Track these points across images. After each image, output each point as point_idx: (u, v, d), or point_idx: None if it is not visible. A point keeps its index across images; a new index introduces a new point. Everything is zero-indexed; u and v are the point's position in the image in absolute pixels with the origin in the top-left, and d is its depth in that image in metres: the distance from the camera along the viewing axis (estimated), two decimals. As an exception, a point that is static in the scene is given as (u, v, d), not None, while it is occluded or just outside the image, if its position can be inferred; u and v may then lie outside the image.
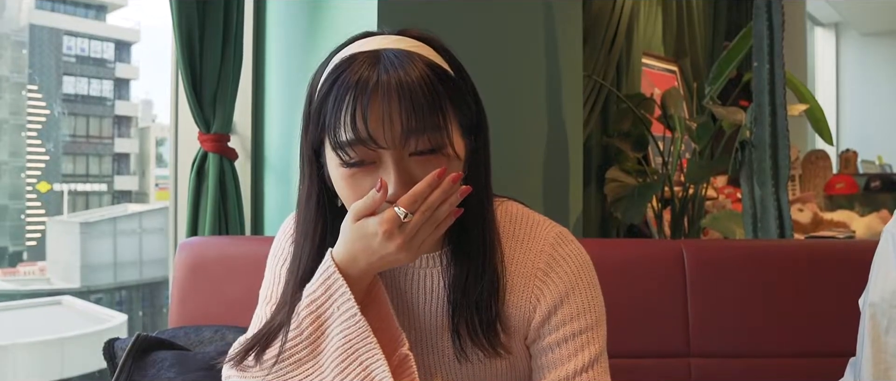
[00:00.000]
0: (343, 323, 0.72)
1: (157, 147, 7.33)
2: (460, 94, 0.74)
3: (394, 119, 0.68)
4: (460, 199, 0.71)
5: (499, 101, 1.80)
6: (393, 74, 0.68)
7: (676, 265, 1.31)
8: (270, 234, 1.75)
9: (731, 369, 1.28)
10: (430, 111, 0.69)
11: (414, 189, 0.69)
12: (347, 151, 0.69)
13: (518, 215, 0.84)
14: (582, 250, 0.84)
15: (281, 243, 0.88)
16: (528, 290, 0.80)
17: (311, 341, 0.73)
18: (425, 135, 0.69)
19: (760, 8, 2.03)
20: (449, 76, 0.73)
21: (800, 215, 3.04)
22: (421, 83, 0.69)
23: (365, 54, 0.71)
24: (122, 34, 7.63)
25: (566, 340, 0.78)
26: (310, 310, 0.73)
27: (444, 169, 0.69)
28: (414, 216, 0.69)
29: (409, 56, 0.70)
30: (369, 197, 0.70)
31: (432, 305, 0.81)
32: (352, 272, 0.73)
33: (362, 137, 0.68)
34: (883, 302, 0.90)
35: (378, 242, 0.70)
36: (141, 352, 1.05)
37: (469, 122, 0.76)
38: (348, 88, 0.68)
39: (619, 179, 2.63)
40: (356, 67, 0.69)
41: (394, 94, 0.68)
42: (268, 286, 0.86)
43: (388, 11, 1.49)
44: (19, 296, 5.62)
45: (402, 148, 0.70)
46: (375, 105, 0.68)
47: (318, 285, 0.74)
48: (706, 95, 2.50)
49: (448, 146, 0.71)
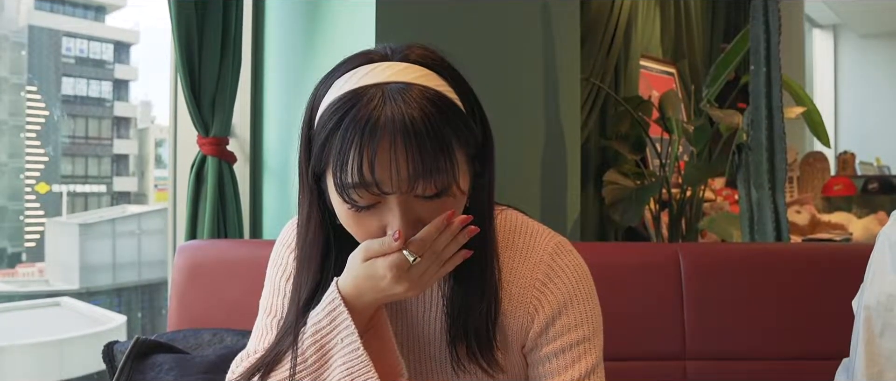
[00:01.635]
0: (346, 355, 0.73)
1: (156, 148, 7.32)
2: (466, 124, 0.73)
3: (400, 165, 0.67)
4: (467, 238, 0.72)
5: (497, 104, 1.81)
6: (398, 117, 0.67)
7: (672, 269, 1.32)
8: (269, 237, 1.75)
9: (726, 371, 1.28)
10: (436, 155, 0.68)
11: (423, 234, 0.70)
12: (352, 193, 0.69)
13: (517, 224, 0.85)
14: (580, 260, 0.84)
15: (280, 252, 0.88)
16: (527, 300, 0.80)
17: (314, 370, 0.74)
18: (431, 179, 0.69)
19: (757, 11, 2.04)
20: (454, 108, 0.71)
21: (797, 216, 3.05)
22: (426, 125, 0.67)
23: (371, 92, 0.69)
24: (122, 35, 7.62)
25: (564, 350, 0.79)
26: (314, 340, 0.75)
27: (453, 212, 0.70)
28: (422, 261, 0.70)
29: (413, 93, 0.69)
30: (385, 244, 0.71)
31: (430, 315, 0.81)
32: (357, 305, 0.74)
33: (368, 182, 0.68)
34: (878, 305, 0.90)
35: (386, 283, 0.72)
36: (140, 355, 1.05)
37: (475, 150, 0.75)
38: (354, 131, 0.67)
39: (617, 182, 2.63)
40: (361, 108, 0.68)
41: (399, 138, 0.67)
42: (268, 297, 0.86)
43: (385, 16, 1.49)
44: (18, 297, 5.61)
45: (408, 193, 0.70)
46: (382, 152, 0.67)
47: (323, 316, 0.75)
48: (704, 97, 2.51)
49: (454, 187, 0.71)
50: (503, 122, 1.85)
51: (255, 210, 1.77)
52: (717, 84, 2.48)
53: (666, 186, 2.61)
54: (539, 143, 2.06)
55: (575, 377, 0.78)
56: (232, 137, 1.70)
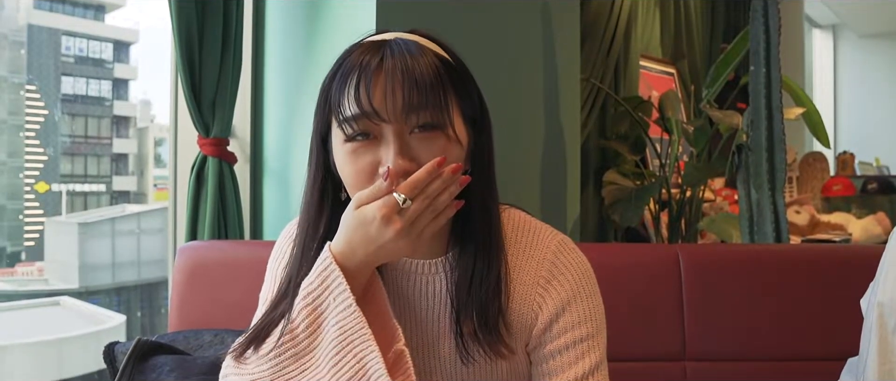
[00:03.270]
0: (339, 315, 0.71)
1: (155, 147, 7.32)
2: (464, 84, 0.77)
3: (396, 94, 0.71)
4: (460, 189, 0.72)
5: (496, 103, 1.80)
6: (398, 56, 0.72)
7: (672, 269, 1.32)
8: (269, 238, 1.75)
9: (726, 372, 1.29)
10: (433, 89, 0.71)
11: (414, 176, 0.70)
12: (351, 124, 0.72)
13: (520, 222, 0.85)
14: (584, 258, 0.85)
15: (281, 246, 0.88)
16: (531, 298, 0.81)
17: (308, 333, 0.73)
18: (427, 110, 0.71)
19: (757, 11, 2.04)
20: (453, 67, 0.76)
21: (797, 216, 3.05)
22: (425, 64, 0.72)
23: (372, 41, 0.75)
24: (121, 34, 7.62)
25: (567, 348, 0.79)
26: (306, 302, 0.73)
27: (445, 158, 0.70)
28: (413, 203, 0.69)
29: (416, 44, 0.74)
30: (375, 186, 0.71)
31: (435, 310, 0.81)
32: (349, 265, 0.73)
33: (366, 110, 0.71)
34: (892, 302, 0.90)
35: (376, 227, 0.70)
36: (141, 356, 1.05)
37: (472, 112, 0.78)
38: (353, 67, 0.72)
39: (617, 182, 2.63)
40: (362, 50, 0.73)
41: (398, 72, 0.71)
42: (267, 289, 0.86)
43: (386, 14, 1.49)
44: (17, 296, 5.61)
45: (403, 122, 0.72)
46: (379, 81, 0.71)
47: (314, 277, 0.74)
48: (703, 98, 2.51)
49: (449, 127, 0.73)
50: (503, 122, 1.85)
51: (256, 210, 1.77)
52: (717, 84, 2.48)
53: (665, 186, 2.61)
54: (538, 143, 2.06)
55: (578, 374, 0.78)
56: (232, 138, 1.70)
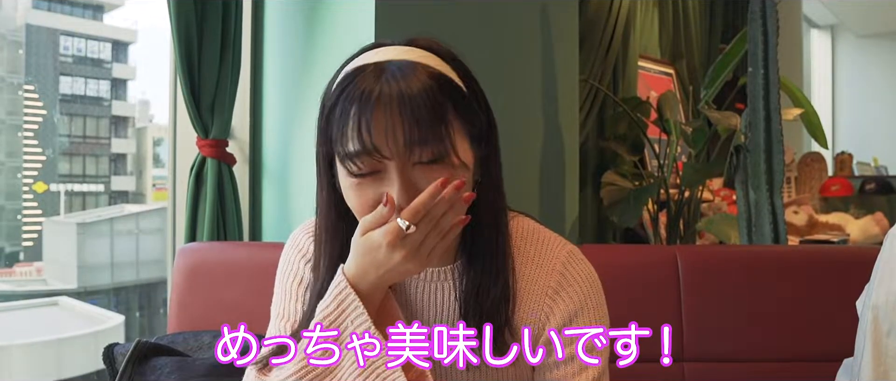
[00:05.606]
0: (360, 341, 0.72)
1: (154, 147, 7.31)
2: (466, 102, 0.75)
3: (397, 130, 0.69)
4: (466, 206, 0.72)
5: (495, 104, 1.81)
6: (395, 85, 0.70)
7: (670, 271, 1.32)
8: (269, 239, 1.75)
9: (724, 373, 1.29)
10: (433, 122, 0.70)
11: (416, 201, 0.69)
12: (354, 161, 0.71)
13: (529, 231, 0.85)
14: (592, 269, 0.85)
15: (293, 259, 0.88)
16: (538, 307, 0.81)
17: (327, 358, 0.73)
18: (428, 146, 0.70)
19: (755, 13, 2.04)
20: (454, 85, 0.74)
21: (795, 217, 3.05)
22: (423, 94, 0.70)
23: (370, 67, 0.72)
24: (119, 34, 7.62)
25: (572, 358, 0.80)
26: (323, 326, 0.74)
27: (447, 179, 0.70)
28: (417, 228, 0.69)
29: (413, 67, 0.72)
30: (377, 212, 0.71)
31: (442, 317, 0.81)
32: (363, 287, 0.73)
33: (367, 147, 0.70)
34: (886, 305, 0.90)
35: (383, 253, 0.71)
36: (141, 358, 1.06)
37: (477, 131, 0.77)
38: (352, 100, 0.70)
39: (616, 183, 2.63)
40: (360, 81, 0.71)
41: (396, 105, 0.69)
42: (279, 303, 0.86)
43: (384, 17, 1.49)
44: (16, 297, 5.60)
45: (406, 158, 0.71)
46: (379, 117, 0.69)
47: (330, 301, 0.74)
48: (702, 98, 2.51)
49: (452, 155, 0.72)
50: (501, 122, 1.85)
51: (255, 212, 1.77)
52: (716, 85, 2.49)
53: (664, 187, 2.61)
54: (537, 144, 2.06)
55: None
56: (231, 139, 1.70)
